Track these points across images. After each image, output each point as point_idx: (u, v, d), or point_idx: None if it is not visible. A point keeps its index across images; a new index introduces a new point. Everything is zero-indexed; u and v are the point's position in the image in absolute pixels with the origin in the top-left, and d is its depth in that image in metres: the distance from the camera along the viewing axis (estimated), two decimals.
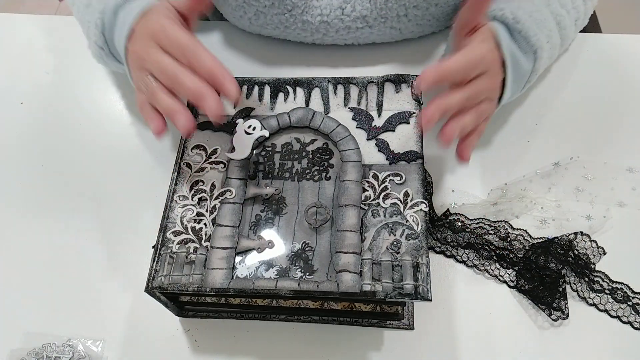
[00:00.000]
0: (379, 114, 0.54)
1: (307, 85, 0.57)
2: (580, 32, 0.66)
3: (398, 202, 0.49)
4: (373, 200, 0.49)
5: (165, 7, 0.53)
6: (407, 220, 0.48)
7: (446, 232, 0.57)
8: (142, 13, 0.53)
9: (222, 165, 0.52)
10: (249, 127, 0.54)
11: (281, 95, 0.56)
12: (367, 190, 0.50)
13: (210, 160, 0.53)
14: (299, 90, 0.57)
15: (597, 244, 0.55)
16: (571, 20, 0.60)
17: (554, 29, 0.58)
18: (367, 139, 0.53)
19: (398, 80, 0.56)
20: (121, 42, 0.54)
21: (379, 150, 0.52)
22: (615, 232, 0.57)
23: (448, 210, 0.58)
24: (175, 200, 0.50)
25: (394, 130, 0.53)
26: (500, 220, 0.57)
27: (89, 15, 0.59)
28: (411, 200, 0.49)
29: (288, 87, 0.57)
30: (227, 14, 0.71)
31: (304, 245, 0.47)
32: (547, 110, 0.66)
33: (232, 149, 0.53)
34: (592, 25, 0.74)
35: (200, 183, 0.51)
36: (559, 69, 0.69)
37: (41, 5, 1.79)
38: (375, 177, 0.50)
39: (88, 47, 0.62)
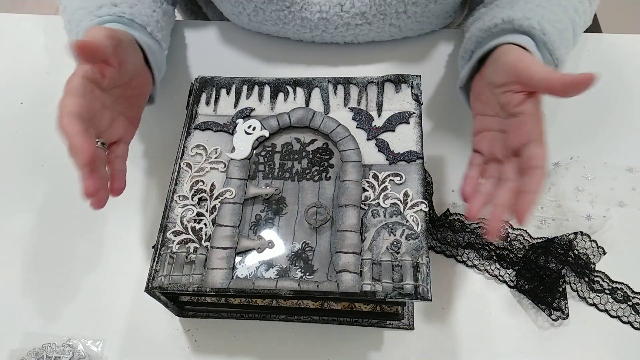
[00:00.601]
0: (379, 114, 0.54)
1: (307, 85, 0.57)
2: None
3: (398, 202, 0.49)
4: (373, 200, 0.49)
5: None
6: (407, 221, 0.48)
7: (446, 232, 0.57)
8: None
9: (222, 165, 0.52)
10: (249, 127, 0.54)
11: (281, 95, 0.56)
12: (367, 191, 0.50)
13: (210, 160, 0.53)
14: (299, 90, 0.57)
15: (597, 244, 0.55)
16: (581, 24, 0.59)
17: (571, 37, 0.57)
18: (367, 139, 0.53)
19: (398, 80, 0.56)
20: None
21: (379, 151, 0.52)
22: (615, 232, 0.57)
23: (448, 210, 0.58)
24: (175, 200, 0.50)
25: (393, 131, 0.53)
26: None
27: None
28: (411, 201, 0.49)
29: (288, 87, 0.57)
30: (226, 10, 0.71)
31: (304, 245, 0.47)
32: (547, 110, 0.66)
33: (232, 149, 0.53)
34: (592, 25, 0.74)
35: (200, 183, 0.51)
36: None
37: (41, 5, 1.78)
38: (375, 177, 0.50)
39: None
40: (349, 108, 0.55)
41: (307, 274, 0.46)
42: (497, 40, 0.53)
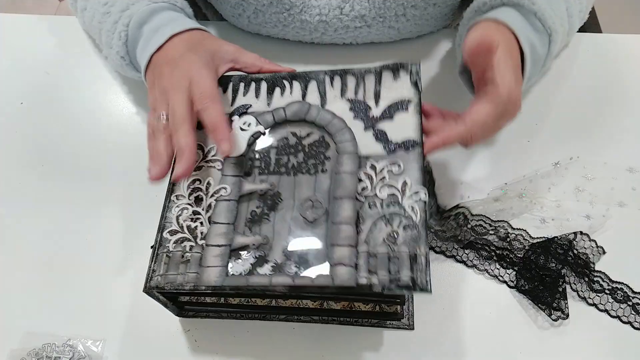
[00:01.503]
0: (377, 103, 0.52)
1: (304, 78, 0.56)
2: (580, 31, 0.66)
3: (396, 192, 0.47)
4: (370, 191, 0.48)
5: (210, 50, 0.54)
6: (406, 211, 0.46)
7: (449, 225, 0.56)
8: (172, 35, 0.55)
9: (218, 164, 0.52)
10: (244, 123, 0.54)
11: (278, 90, 0.56)
12: (365, 182, 0.48)
13: (207, 159, 0.52)
14: (295, 84, 0.55)
15: (596, 244, 0.55)
16: (576, 10, 0.60)
17: (564, 14, 0.57)
18: (365, 129, 0.51)
19: (396, 68, 0.54)
20: (144, 56, 0.56)
21: (377, 140, 0.50)
22: (615, 232, 0.57)
23: (458, 205, 0.58)
24: (173, 200, 0.50)
25: (392, 119, 0.51)
26: (500, 220, 0.57)
27: (108, 24, 0.59)
28: (410, 190, 0.47)
29: (284, 81, 0.56)
30: (225, 12, 0.71)
31: (299, 239, 0.47)
32: (547, 110, 0.66)
33: None
34: (592, 25, 0.74)
35: (197, 182, 0.51)
36: (559, 68, 0.69)
37: (41, 5, 1.79)
38: (373, 167, 0.49)
39: (102, 53, 0.62)
40: (346, 99, 0.54)
41: (302, 268, 0.45)
42: (481, 17, 0.54)
